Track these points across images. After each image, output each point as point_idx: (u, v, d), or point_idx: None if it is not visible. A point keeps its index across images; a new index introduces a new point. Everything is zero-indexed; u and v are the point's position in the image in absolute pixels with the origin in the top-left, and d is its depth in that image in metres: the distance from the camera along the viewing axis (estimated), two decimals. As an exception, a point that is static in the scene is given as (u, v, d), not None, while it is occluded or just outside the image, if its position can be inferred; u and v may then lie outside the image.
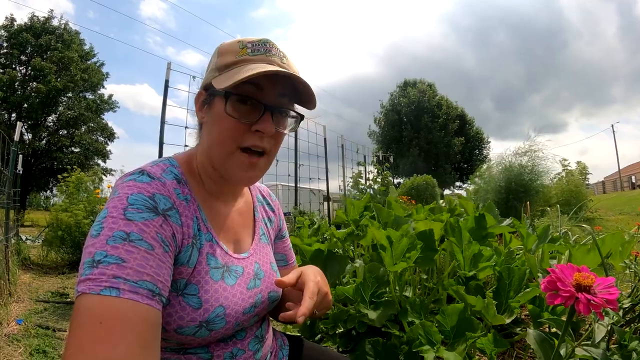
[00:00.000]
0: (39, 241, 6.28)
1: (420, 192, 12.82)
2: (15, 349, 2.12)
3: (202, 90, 0.72)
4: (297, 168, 7.52)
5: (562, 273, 0.70)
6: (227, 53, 0.69)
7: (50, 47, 19.99)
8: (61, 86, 19.70)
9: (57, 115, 21.17)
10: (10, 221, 4.07)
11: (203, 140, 0.72)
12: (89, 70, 21.68)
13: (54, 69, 19.54)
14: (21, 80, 19.74)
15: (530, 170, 6.58)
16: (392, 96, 33.51)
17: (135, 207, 0.57)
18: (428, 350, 1.23)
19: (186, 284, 0.63)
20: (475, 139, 33.75)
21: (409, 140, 31.06)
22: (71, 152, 21.75)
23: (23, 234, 7.27)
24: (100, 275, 0.50)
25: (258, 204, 0.88)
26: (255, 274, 0.76)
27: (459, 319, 1.32)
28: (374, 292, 1.62)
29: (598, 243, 1.16)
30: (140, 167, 0.66)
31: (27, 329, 2.46)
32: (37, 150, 20.32)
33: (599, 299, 0.65)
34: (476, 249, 1.61)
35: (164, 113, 4.66)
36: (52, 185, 21.22)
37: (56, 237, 5.09)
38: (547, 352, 0.92)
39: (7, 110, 19.53)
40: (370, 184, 9.69)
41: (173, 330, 0.62)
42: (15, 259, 4.18)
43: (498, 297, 1.43)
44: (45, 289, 3.79)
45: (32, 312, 2.92)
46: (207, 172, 0.72)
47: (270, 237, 0.89)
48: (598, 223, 5.79)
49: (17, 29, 19.83)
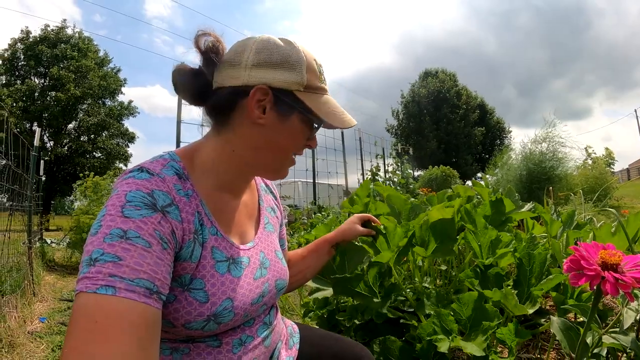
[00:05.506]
0: (64, 244, 6.48)
1: (440, 184, 12.65)
2: (38, 346, 2.18)
3: (268, 89, 0.67)
4: (315, 162, 7.51)
5: (586, 251, 0.64)
6: (311, 70, 0.70)
7: (66, 56, 20.61)
8: (80, 94, 20.28)
9: (78, 122, 21.79)
10: (33, 224, 4.19)
11: (245, 138, 0.70)
12: (107, 77, 22.25)
13: (72, 77, 20.12)
14: (40, 90, 20.38)
15: (551, 157, 6.37)
16: (413, 86, 32.95)
17: (133, 204, 0.57)
18: (443, 339, 1.18)
19: (191, 279, 0.63)
20: (496, 129, 32.99)
21: (429, 132, 30.54)
22: (93, 157, 22.39)
23: (48, 237, 7.52)
24: (97, 274, 0.50)
25: (262, 192, 0.88)
26: (261, 263, 0.76)
27: (474, 308, 1.26)
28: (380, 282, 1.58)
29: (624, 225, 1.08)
30: (139, 164, 0.65)
31: (49, 327, 2.53)
32: (59, 157, 20.98)
33: (628, 277, 0.59)
34: (493, 235, 1.53)
35: (180, 113, 4.72)
36: (75, 189, 21.87)
37: (79, 239, 5.25)
38: (572, 341, 0.85)
39: (29, 120, 20.20)
40: (390, 177, 9.59)
41: (181, 326, 0.62)
42: (40, 261, 4.31)
43: (519, 285, 1.35)
44: (69, 288, 3.92)
45: (56, 310, 3.01)
46: (225, 167, 0.71)
47: (275, 225, 0.88)
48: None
49: (33, 41, 20.50)
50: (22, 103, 19.22)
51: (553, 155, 6.36)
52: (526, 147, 6.94)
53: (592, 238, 1.17)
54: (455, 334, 1.19)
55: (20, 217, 3.78)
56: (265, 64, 0.67)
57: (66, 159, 21.56)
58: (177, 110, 4.90)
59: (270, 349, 0.77)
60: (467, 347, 1.13)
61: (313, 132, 0.74)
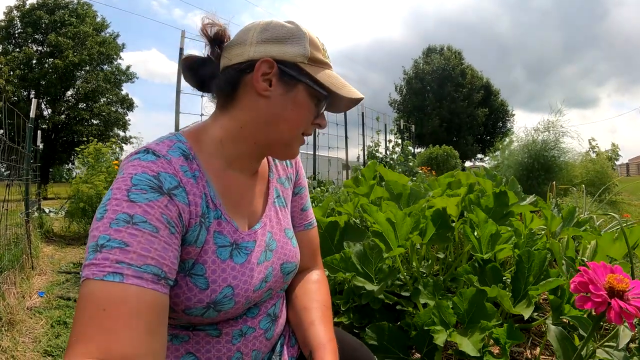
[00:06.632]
0: (62, 213, 6.49)
1: (440, 164, 12.62)
2: (37, 321, 2.20)
3: (273, 61, 0.66)
4: (317, 137, 7.42)
5: (594, 273, 0.63)
6: (314, 45, 0.69)
7: (65, 22, 20.14)
8: (78, 60, 19.90)
9: (76, 89, 21.48)
10: (31, 195, 4.18)
11: (253, 113, 0.68)
12: (105, 43, 21.75)
13: (70, 44, 19.66)
14: (38, 58, 20.01)
15: (553, 146, 6.34)
16: (416, 63, 32.36)
17: (139, 187, 0.56)
18: (440, 331, 1.18)
19: (193, 264, 0.62)
20: (499, 111, 32.61)
21: (432, 110, 30.21)
22: (91, 124, 22.19)
23: (46, 206, 7.53)
24: (104, 260, 0.49)
25: (274, 162, 0.84)
26: (266, 245, 0.73)
27: (471, 303, 1.26)
28: (378, 267, 1.58)
29: (626, 233, 1.07)
30: (145, 145, 0.64)
31: (48, 301, 2.55)
32: (57, 125, 20.83)
33: (633, 307, 0.58)
34: (493, 229, 1.52)
35: (179, 82, 4.62)
36: (73, 157, 21.86)
37: (78, 208, 5.25)
38: (567, 351, 0.86)
39: (26, 88, 19.95)
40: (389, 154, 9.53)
41: (181, 311, 0.62)
42: (38, 232, 4.33)
43: (516, 282, 1.36)
44: (67, 260, 3.94)
45: (54, 283, 3.03)
46: (233, 145, 0.70)
47: (287, 198, 0.84)
48: (621, 207, 5.58)
49: (30, 8, 19.98)
50: (19, 71, 18.92)
51: (555, 145, 6.33)
52: (529, 133, 6.89)
53: (595, 247, 1.16)
54: (452, 328, 1.19)
55: (18, 187, 3.76)
56: (269, 40, 0.67)
57: (64, 127, 21.40)
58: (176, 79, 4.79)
59: (272, 341, 0.76)
60: (462, 343, 1.13)
61: (321, 107, 0.72)
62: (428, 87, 30.85)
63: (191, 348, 0.66)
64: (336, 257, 1.56)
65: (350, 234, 1.88)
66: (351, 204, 2.24)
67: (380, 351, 1.35)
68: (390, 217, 1.47)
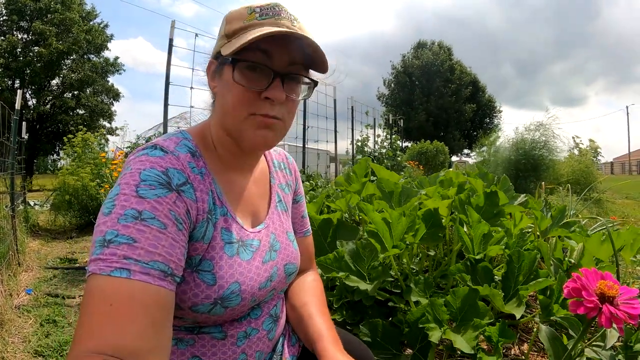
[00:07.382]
0: (47, 206, 6.36)
1: (430, 159, 12.74)
2: (26, 321, 2.16)
3: (213, 60, 0.70)
4: (306, 130, 7.37)
5: (586, 279, 0.66)
6: (235, 19, 0.66)
7: (50, 9, 19.47)
8: (64, 48, 19.37)
9: (61, 79, 20.95)
10: (16, 188, 4.08)
11: (217, 110, 0.70)
12: (92, 32, 21.19)
13: (54, 31, 19.12)
14: (22, 46, 19.42)
15: (542, 146, 6.47)
16: (405, 57, 32.58)
17: (148, 183, 0.56)
18: (434, 328, 1.21)
19: (201, 260, 0.62)
20: (487, 107, 33.12)
21: (419, 104, 30.44)
22: (76, 115, 21.69)
23: (31, 199, 7.36)
24: (111, 256, 0.50)
25: (274, 169, 0.85)
26: (270, 246, 0.75)
27: (464, 301, 1.30)
28: (370, 265, 1.61)
29: (613, 237, 1.11)
30: (152, 142, 0.64)
31: (37, 299, 2.50)
32: (42, 115, 20.29)
33: (622, 312, 0.61)
34: (485, 229, 1.56)
35: (168, 73, 4.52)
36: (58, 148, 21.38)
37: (63, 201, 5.14)
38: (557, 351, 0.89)
39: (10, 77, 19.34)
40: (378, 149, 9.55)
41: (188, 308, 0.62)
42: (24, 227, 4.24)
43: (507, 282, 1.40)
44: (54, 254, 3.86)
45: (42, 280, 2.97)
46: (223, 143, 0.70)
47: (287, 203, 0.86)
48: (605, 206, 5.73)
49: (14, -6, 19.24)
50: (3, 60, 18.32)
51: (544, 145, 6.46)
52: (518, 132, 7.01)
53: (582, 249, 1.20)
54: (446, 326, 1.22)
55: (3, 180, 3.67)
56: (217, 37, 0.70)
57: (49, 117, 20.87)
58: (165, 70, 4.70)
59: (273, 341, 0.77)
60: (456, 340, 1.16)
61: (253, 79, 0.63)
62: (417, 81, 31.03)
63: (197, 352, 0.66)
64: (329, 257, 1.58)
65: (343, 232, 1.90)
66: (343, 201, 2.26)
67: (374, 347, 1.38)
68: (386, 216, 1.49)
